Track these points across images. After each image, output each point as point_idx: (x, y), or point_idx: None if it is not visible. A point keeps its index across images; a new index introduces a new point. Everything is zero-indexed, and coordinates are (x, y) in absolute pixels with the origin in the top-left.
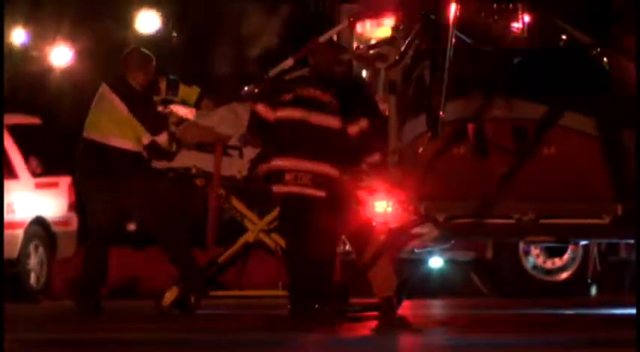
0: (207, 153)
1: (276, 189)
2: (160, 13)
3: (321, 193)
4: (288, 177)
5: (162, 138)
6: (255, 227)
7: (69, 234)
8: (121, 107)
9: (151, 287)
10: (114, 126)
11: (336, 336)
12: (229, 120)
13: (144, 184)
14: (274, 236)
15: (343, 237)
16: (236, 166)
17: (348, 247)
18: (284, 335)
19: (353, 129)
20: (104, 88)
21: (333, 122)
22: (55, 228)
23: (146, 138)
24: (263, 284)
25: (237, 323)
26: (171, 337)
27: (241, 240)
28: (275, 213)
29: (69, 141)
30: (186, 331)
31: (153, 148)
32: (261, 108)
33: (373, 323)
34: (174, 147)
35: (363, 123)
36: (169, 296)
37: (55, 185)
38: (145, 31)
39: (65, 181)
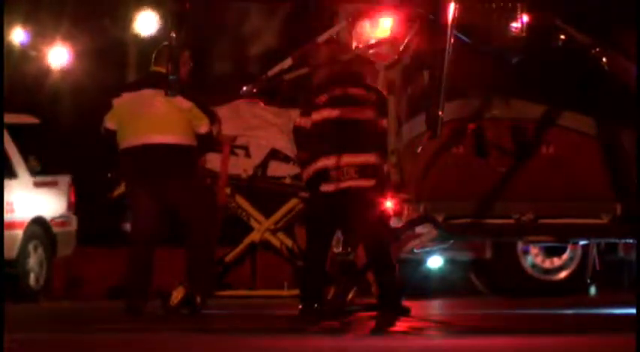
0: (214, 153)
1: (324, 188)
2: (159, 14)
3: (369, 183)
4: (333, 174)
5: (217, 129)
6: (261, 226)
7: (68, 233)
8: (180, 101)
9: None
10: (158, 123)
11: (333, 338)
12: (231, 121)
13: (192, 182)
14: (280, 235)
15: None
16: (242, 165)
17: (342, 247)
18: (290, 336)
19: (381, 124)
20: (139, 93)
21: (369, 114)
22: (54, 228)
23: (205, 127)
24: (269, 284)
25: (243, 323)
26: (175, 337)
27: (247, 240)
28: (281, 212)
29: (68, 140)
30: (192, 331)
31: (207, 138)
32: (300, 121)
33: (372, 323)
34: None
35: (385, 122)
36: (176, 295)
37: (54, 185)
38: (143, 32)
39: (65, 180)
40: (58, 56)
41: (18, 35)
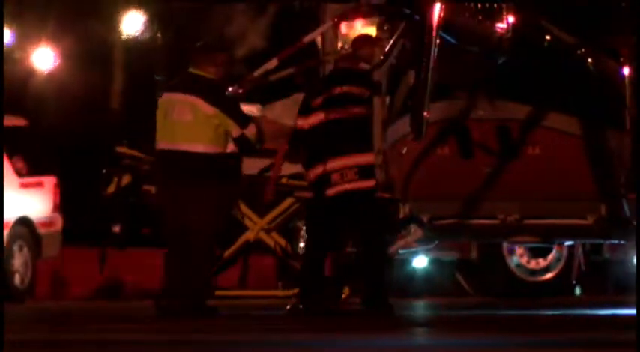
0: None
1: (329, 192)
2: (145, 15)
3: (370, 183)
4: (335, 177)
5: (252, 131)
6: (256, 226)
7: (54, 234)
8: (204, 107)
9: (137, 288)
10: (187, 130)
11: (321, 335)
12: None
13: (216, 192)
14: (274, 235)
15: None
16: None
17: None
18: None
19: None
20: (171, 96)
21: (358, 110)
22: (39, 229)
23: (235, 131)
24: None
25: (237, 322)
26: (168, 337)
27: (241, 239)
28: (276, 212)
29: (54, 141)
30: (184, 331)
31: (242, 142)
32: (299, 122)
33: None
34: (258, 144)
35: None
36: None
37: (39, 186)
38: (130, 33)
39: (50, 181)
40: (44, 57)
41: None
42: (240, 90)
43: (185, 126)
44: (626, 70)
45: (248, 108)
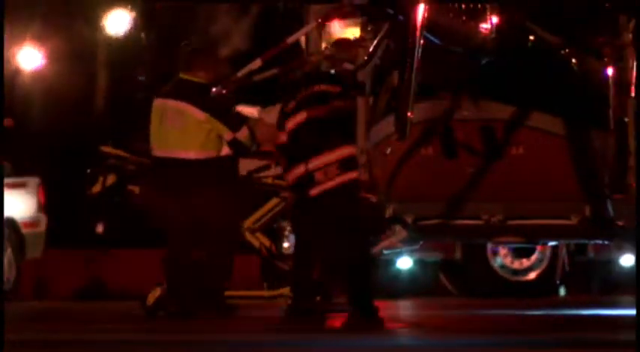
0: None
1: (313, 192)
2: (130, 14)
3: (352, 175)
4: (317, 176)
5: (244, 134)
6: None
7: (38, 235)
8: (195, 112)
9: (121, 288)
10: (179, 137)
11: (305, 337)
12: None
13: (215, 194)
14: (259, 235)
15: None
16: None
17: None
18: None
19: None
20: (164, 102)
21: (338, 104)
22: (23, 229)
23: (228, 135)
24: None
25: (228, 323)
26: (153, 338)
27: None
28: (261, 212)
29: (39, 141)
30: (170, 331)
31: (235, 145)
32: (278, 137)
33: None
34: (253, 146)
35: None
36: (152, 296)
37: (24, 186)
38: (114, 32)
39: (34, 182)
40: (29, 57)
41: None
42: (224, 91)
43: (177, 132)
44: (609, 70)
45: (249, 110)
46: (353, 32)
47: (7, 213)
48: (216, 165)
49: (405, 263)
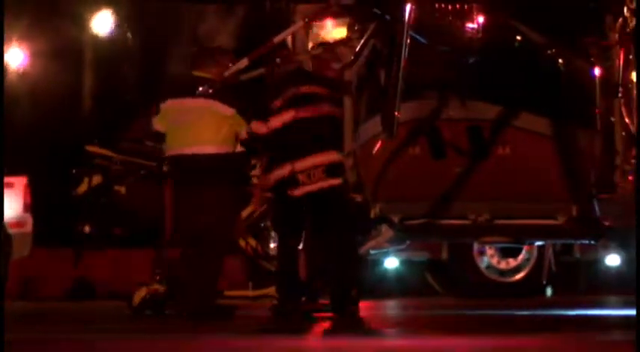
0: None
1: (294, 192)
2: (116, 15)
3: (336, 181)
4: (301, 178)
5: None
6: None
7: (24, 234)
8: (221, 108)
9: (108, 288)
10: (200, 133)
11: (291, 338)
12: None
13: (223, 195)
14: (245, 235)
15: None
16: None
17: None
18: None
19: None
20: (181, 102)
21: (326, 109)
22: (9, 229)
23: (244, 133)
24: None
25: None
26: (143, 337)
27: None
28: (246, 212)
29: (25, 141)
30: (159, 331)
31: (249, 143)
32: (254, 125)
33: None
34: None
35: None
36: (138, 295)
37: (10, 186)
38: (100, 32)
39: (20, 182)
40: (15, 56)
41: None
42: (211, 90)
43: (203, 129)
44: (596, 70)
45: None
46: (340, 32)
47: None
48: (233, 162)
49: (391, 263)
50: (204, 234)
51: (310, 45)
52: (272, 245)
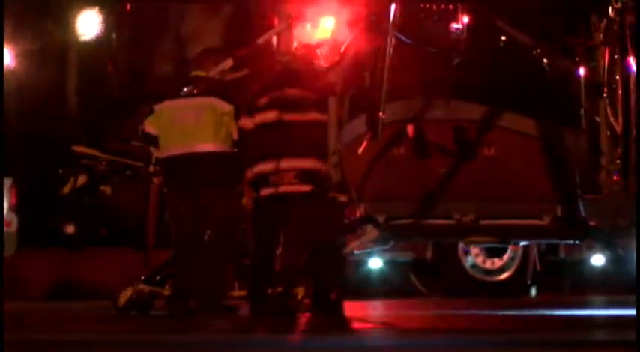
0: None
1: (263, 192)
2: (101, 14)
3: (306, 188)
4: (272, 178)
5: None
6: None
7: (9, 234)
8: (220, 104)
9: (93, 288)
10: (198, 131)
11: (273, 337)
12: None
13: (225, 194)
14: None
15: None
16: None
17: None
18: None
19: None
20: (179, 102)
21: (310, 116)
22: None
23: (236, 134)
24: None
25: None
26: (131, 337)
27: None
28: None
29: (10, 142)
30: (146, 331)
31: (240, 144)
32: (244, 122)
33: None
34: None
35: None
36: (124, 295)
37: None
38: (85, 32)
39: (7, 182)
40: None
41: None
42: (195, 91)
43: (202, 128)
44: (581, 70)
45: None
46: (324, 32)
47: None
48: (231, 161)
49: (376, 263)
50: (211, 234)
51: (295, 45)
52: None
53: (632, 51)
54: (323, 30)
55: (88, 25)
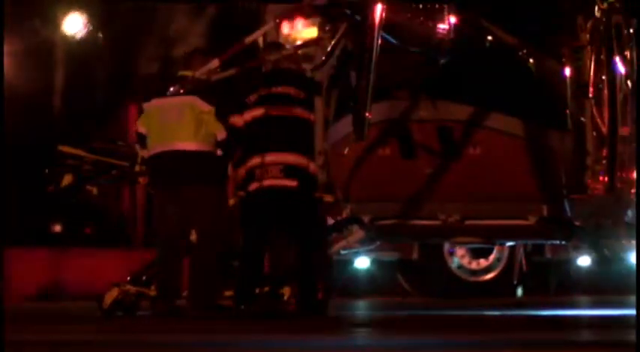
0: None
1: (250, 187)
2: (87, 15)
3: (292, 183)
4: (258, 172)
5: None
6: None
7: None
8: (200, 104)
9: (78, 288)
10: (181, 129)
11: (260, 338)
12: None
13: (208, 191)
14: None
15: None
16: None
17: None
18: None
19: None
20: (164, 101)
21: (298, 112)
22: None
23: (221, 134)
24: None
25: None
26: (118, 338)
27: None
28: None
29: None
30: (131, 332)
31: (227, 146)
32: (233, 119)
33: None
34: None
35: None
36: (109, 296)
37: None
38: (71, 32)
39: None
40: None
41: None
42: (182, 90)
43: (183, 126)
44: (567, 71)
45: None
46: (311, 32)
47: None
48: (214, 161)
49: (362, 263)
50: (197, 234)
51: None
52: None
53: (618, 51)
54: (309, 30)
55: (75, 25)
